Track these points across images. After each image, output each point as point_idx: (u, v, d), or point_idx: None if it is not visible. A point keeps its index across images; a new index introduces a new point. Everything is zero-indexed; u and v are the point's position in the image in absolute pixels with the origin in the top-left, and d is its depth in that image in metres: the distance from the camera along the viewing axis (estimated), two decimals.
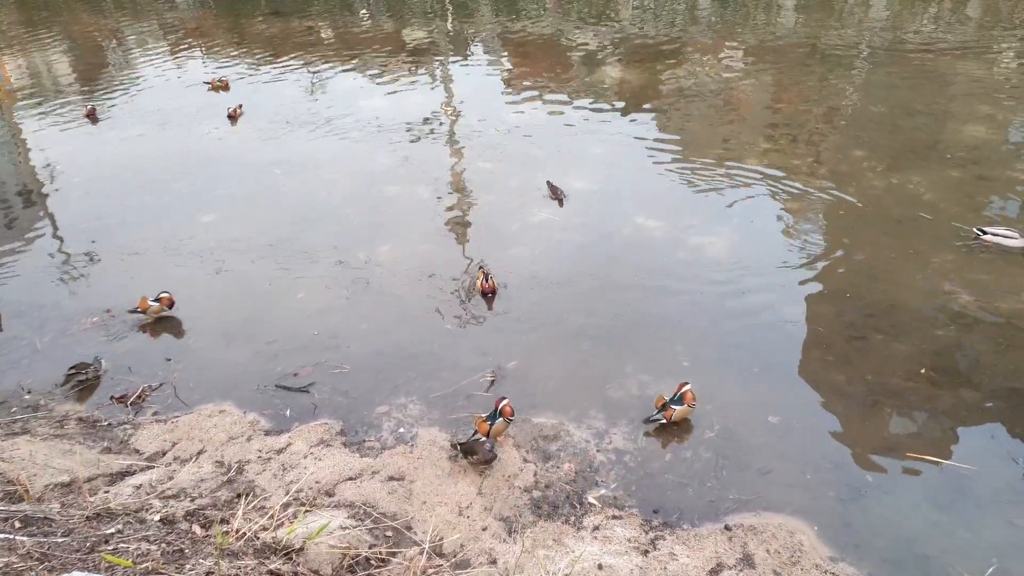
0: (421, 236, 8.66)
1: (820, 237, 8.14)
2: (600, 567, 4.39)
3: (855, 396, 5.84)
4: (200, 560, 3.82)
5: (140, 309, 7.21)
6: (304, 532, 4.30)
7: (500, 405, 5.36)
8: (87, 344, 6.99)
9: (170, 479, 5.16)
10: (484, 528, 4.74)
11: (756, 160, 10.06)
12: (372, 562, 4.30)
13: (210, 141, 12.12)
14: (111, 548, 3.82)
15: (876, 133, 10.67)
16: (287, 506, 4.74)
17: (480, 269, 7.51)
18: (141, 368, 6.66)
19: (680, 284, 7.41)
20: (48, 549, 3.72)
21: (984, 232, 7.55)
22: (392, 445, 5.56)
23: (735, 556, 4.49)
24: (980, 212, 8.32)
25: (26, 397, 6.32)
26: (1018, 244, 7.44)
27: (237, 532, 4.21)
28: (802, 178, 9.45)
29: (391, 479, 5.17)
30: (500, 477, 5.18)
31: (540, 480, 5.18)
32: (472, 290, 7.48)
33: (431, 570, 4.32)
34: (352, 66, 15.81)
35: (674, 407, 5.48)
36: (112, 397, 6.28)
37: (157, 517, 4.39)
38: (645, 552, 4.53)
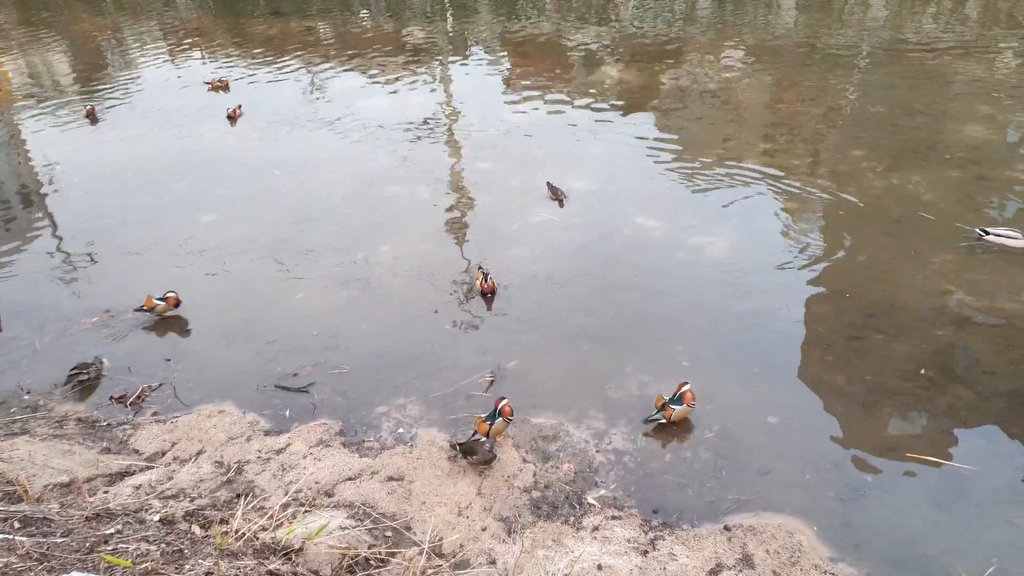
0: (421, 236, 8.66)
1: (820, 237, 8.14)
2: (599, 567, 4.39)
3: (855, 396, 5.83)
4: (199, 560, 3.82)
5: (146, 308, 7.21)
6: (303, 532, 4.30)
7: (499, 405, 5.36)
8: (87, 344, 6.99)
9: (169, 479, 5.16)
10: (483, 528, 4.74)
11: (756, 160, 10.06)
12: (371, 562, 4.30)
13: (210, 141, 12.12)
14: (110, 548, 3.82)
15: (876, 133, 10.67)
16: (286, 506, 4.74)
17: (480, 269, 7.51)
18: (140, 368, 6.66)
19: (680, 284, 7.41)
20: (47, 549, 3.72)
21: (987, 232, 7.53)
22: (391, 445, 5.56)
23: (734, 556, 4.49)
24: (980, 212, 8.31)
25: (25, 397, 6.32)
26: (1021, 244, 7.42)
27: (236, 532, 4.21)
28: (802, 178, 9.45)
29: (390, 479, 5.17)
30: (499, 477, 5.18)
31: (539, 480, 5.17)
32: (472, 290, 7.48)
33: (430, 570, 4.32)
34: (352, 66, 15.81)
35: (673, 407, 5.48)
36: (111, 397, 6.28)
37: (156, 517, 4.39)
38: (644, 552, 4.53)
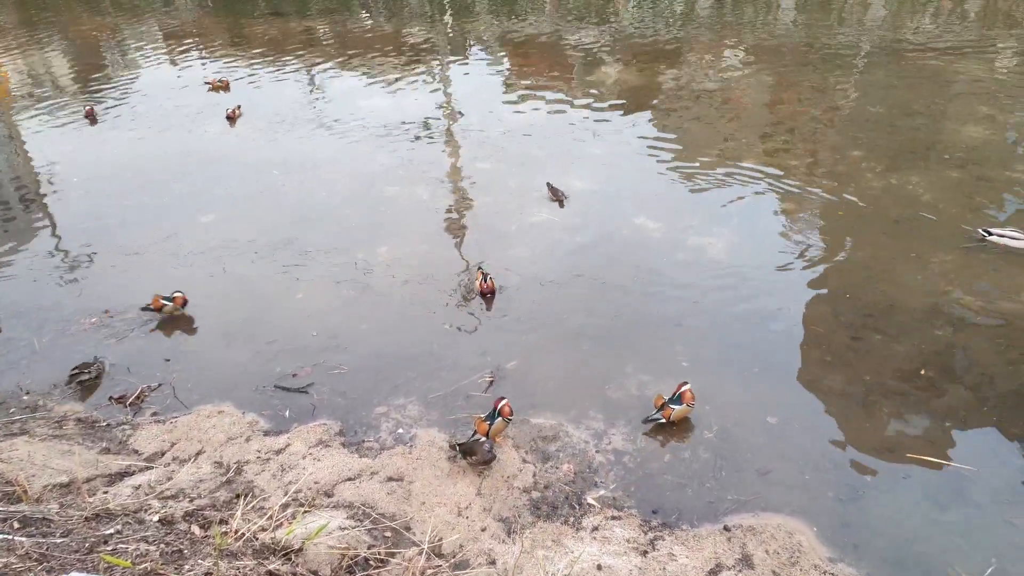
0: (420, 236, 8.66)
1: (819, 237, 8.14)
2: (599, 568, 4.39)
3: (854, 396, 5.84)
4: (199, 560, 3.81)
5: (153, 307, 7.21)
6: (303, 533, 4.30)
7: (499, 405, 5.36)
8: (86, 344, 6.99)
9: (169, 480, 5.15)
10: (483, 529, 4.74)
11: (755, 160, 10.06)
12: (371, 563, 4.30)
13: (210, 141, 12.11)
14: (110, 549, 3.82)
15: (875, 133, 10.68)
16: (286, 507, 4.73)
17: (479, 269, 7.51)
18: (140, 368, 6.65)
19: (680, 284, 7.41)
20: (47, 550, 3.72)
21: (990, 233, 7.50)
22: (391, 446, 5.56)
23: (734, 556, 4.49)
24: (979, 212, 8.32)
25: (25, 398, 6.32)
26: None
27: (236, 533, 4.21)
28: (801, 178, 9.46)
29: (390, 480, 5.17)
30: (499, 478, 5.18)
31: (539, 481, 5.17)
32: (471, 290, 7.48)
33: (430, 571, 4.32)
34: (351, 66, 15.81)
35: (673, 406, 5.48)
36: (111, 398, 6.28)
37: (156, 518, 4.39)
38: (644, 553, 4.53)
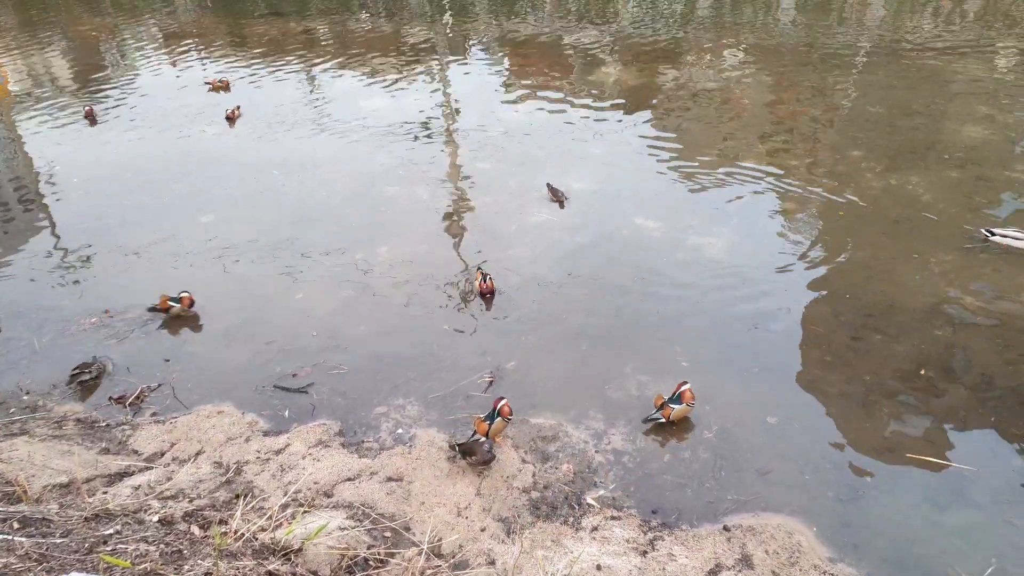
0: (420, 237, 8.66)
1: (819, 237, 8.15)
2: (599, 568, 4.39)
3: (854, 396, 5.84)
4: (199, 561, 3.81)
5: (160, 308, 7.21)
6: (303, 533, 4.30)
7: (498, 405, 5.36)
8: (86, 344, 6.98)
9: (168, 480, 5.15)
10: (483, 529, 4.74)
11: (755, 160, 10.07)
12: (371, 563, 4.30)
13: (209, 141, 12.12)
14: (109, 549, 3.82)
15: (874, 133, 10.68)
16: (286, 507, 4.73)
17: (479, 269, 7.51)
18: (140, 369, 6.65)
19: (679, 284, 7.41)
20: (46, 550, 3.72)
21: (993, 233, 7.48)
22: (391, 446, 5.56)
23: (734, 557, 4.49)
24: (978, 212, 8.32)
25: (24, 398, 6.31)
26: None
27: (235, 533, 4.21)
28: (800, 178, 9.46)
29: (389, 480, 5.17)
30: (499, 478, 5.18)
31: (539, 481, 5.17)
32: (471, 291, 7.48)
33: (429, 571, 4.32)
34: (351, 66, 15.81)
35: (673, 406, 5.48)
36: (111, 398, 6.28)
37: (156, 518, 4.39)
38: (644, 553, 4.53)
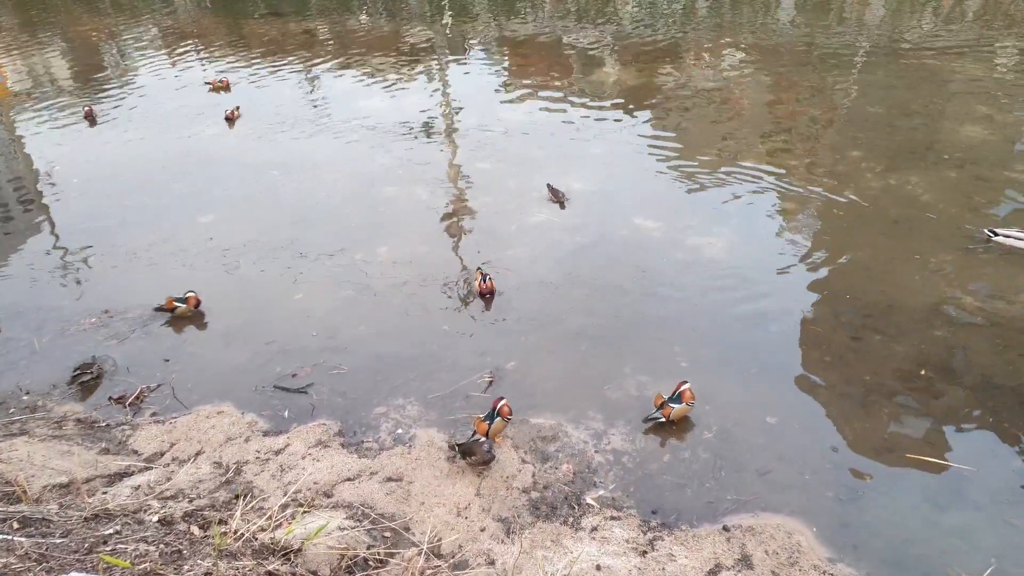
0: (420, 237, 8.66)
1: (818, 238, 8.15)
2: (598, 568, 4.39)
3: (853, 397, 5.84)
4: (198, 561, 3.81)
5: (167, 308, 7.22)
6: (302, 533, 4.30)
7: (498, 405, 5.36)
8: (86, 344, 6.99)
9: (168, 480, 5.16)
10: (482, 529, 4.74)
11: (754, 160, 10.07)
12: (370, 563, 4.30)
13: (209, 142, 12.12)
14: (109, 549, 3.82)
15: (873, 133, 10.68)
16: (285, 507, 4.73)
17: (478, 270, 7.51)
18: (139, 369, 6.65)
19: (679, 285, 7.41)
20: (46, 550, 3.72)
21: (996, 234, 7.46)
22: (390, 446, 5.56)
23: (733, 557, 4.49)
24: (978, 212, 8.32)
25: (24, 398, 6.32)
26: None
27: (235, 533, 4.21)
28: (800, 178, 9.46)
29: (389, 480, 5.17)
30: (498, 478, 5.18)
31: (538, 481, 5.17)
32: (471, 291, 7.48)
33: (429, 571, 4.32)
34: (350, 67, 15.81)
35: (673, 405, 5.48)
36: (110, 398, 6.28)
37: (155, 518, 4.39)
38: (643, 553, 4.53)
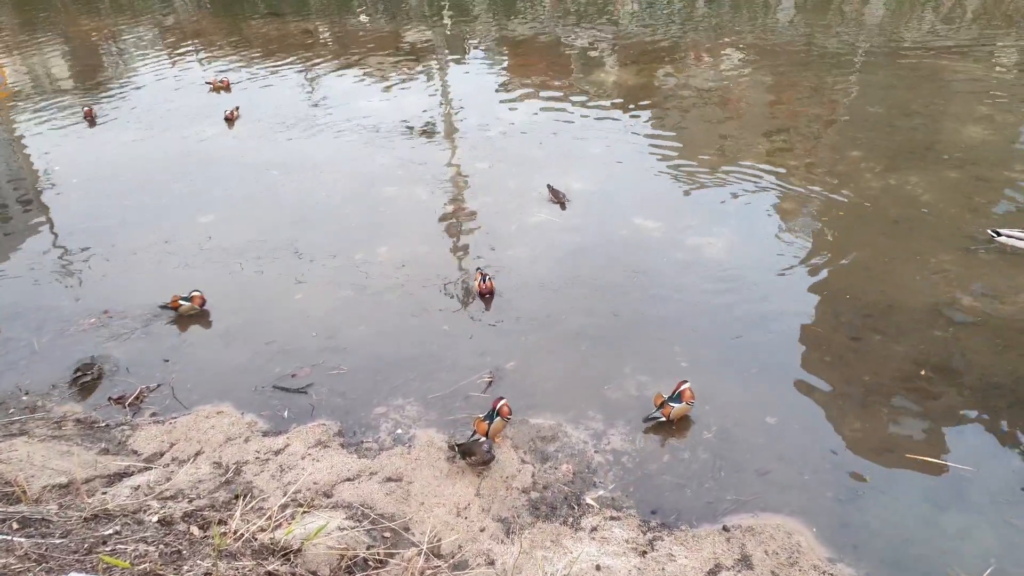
0: (420, 237, 8.66)
1: (818, 238, 8.14)
2: (598, 568, 4.39)
3: (853, 397, 5.84)
4: (198, 561, 3.81)
5: (172, 306, 7.22)
6: (302, 533, 4.30)
7: (498, 405, 5.36)
8: (85, 345, 6.99)
9: (168, 480, 5.16)
10: (482, 529, 4.74)
11: (754, 160, 10.07)
12: (370, 563, 4.30)
13: (209, 142, 12.12)
14: (109, 549, 3.82)
15: (873, 133, 10.68)
16: (285, 507, 4.73)
17: (478, 270, 7.51)
18: (139, 369, 6.65)
19: (679, 285, 7.41)
20: (46, 550, 3.72)
21: (1000, 234, 7.43)
22: (390, 446, 5.56)
23: (733, 557, 4.49)
24: (978, 212, 8.32)
25: (24, 398, 6.31)
26: None
27: (235, 533, 4.21)
28: (800, 178, 9.46)
29: (389, 480, 5.17)
30: (498, 478, 5.18)
31: (538, 481, 5.17)
32: (470, 291, 7.48)
33: (429, 571, 4.32)
34: (350, 67, 15.82)
35: (673, 404, 5.49)
36: (110, 398, 6.28)
37: (155, 518, 4.39)
38: (643, 553, 4.53)
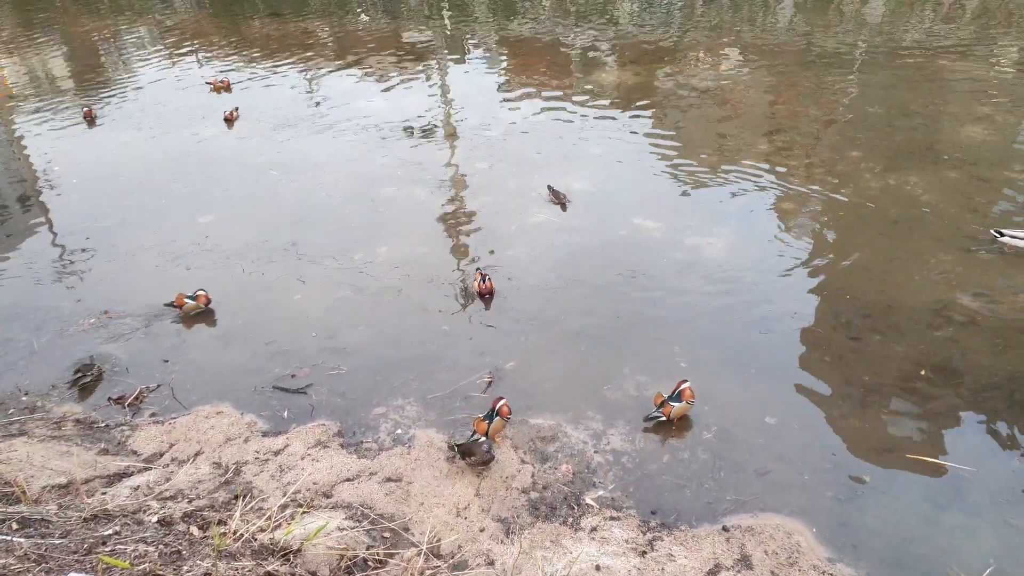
0: (419, 237, 8.66)
1: (817, 238, 8.15)
2: (598, 568, 4.39)
3: (853, 397, 5.84)
4: (198, 561, 3.81)
5: (176, 305, 7.22)
6: (302, 533, 4.30)
7: (497, 405, 5.36)
8: (85, 345, 6.98)
9: (168, 480, 5.15)
10: (482, 529, 4.74)
11: (753, 160, 10.07)
12: (369, 563, 4.30)
13: (209, 142, 12.12)
14: (108, 549, 3.82)
15: (873, 133, 10.68)
16: (285, 507, 4.73)
17: (478, 270, 7.51)
18: (139, 369, 6.65)
19: (678, 285, 7.41)
20: (45, 551, 3.72)
21: (1002, 234, 7.42)
22: (389, 446, 5.56)
23: (733, 557, 4.49)
24: (978, 213, 8.32)
25: (23, 398, 6.31)
26: None
27: (235, 533, 4.21)
28: (799, 178, 9.47)
29: (388, 480, 5.17)
30: (498, 478, 5.18)
31: (538, 481, 5.17)
32: (470, 291, 7.48)
33: (428, 571, 4.32)
34: (350, 67, 15.82)
35: (673, 404, 5.49)
36: (110, 398, 6.28)
37: (155, 518, 4.39)
38: (643, 553, 4.53)
